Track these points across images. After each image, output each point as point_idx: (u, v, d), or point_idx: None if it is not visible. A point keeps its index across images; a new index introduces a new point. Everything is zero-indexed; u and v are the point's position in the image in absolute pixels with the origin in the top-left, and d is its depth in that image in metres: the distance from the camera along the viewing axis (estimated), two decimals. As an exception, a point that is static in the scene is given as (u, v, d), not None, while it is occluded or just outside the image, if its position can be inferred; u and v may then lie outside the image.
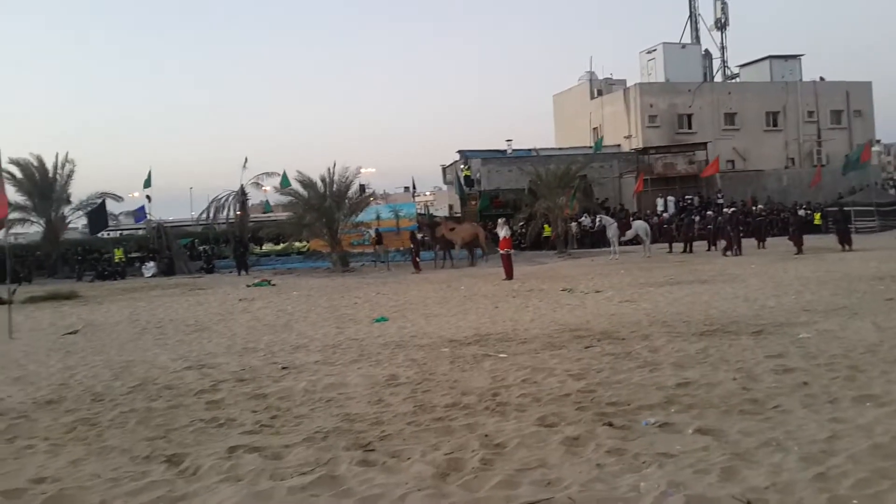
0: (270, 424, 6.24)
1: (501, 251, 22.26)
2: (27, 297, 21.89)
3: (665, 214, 38.68)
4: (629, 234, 29.78)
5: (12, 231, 37.85)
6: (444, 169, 52.62)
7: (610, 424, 5.56)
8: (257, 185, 38.53)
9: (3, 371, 9.74)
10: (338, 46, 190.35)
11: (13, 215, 34.75)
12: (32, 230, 40.45)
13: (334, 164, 31.74)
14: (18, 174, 36.41)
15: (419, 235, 31.36)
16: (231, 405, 7.04)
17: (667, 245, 31.03)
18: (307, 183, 31.87)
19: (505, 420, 5.90)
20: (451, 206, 50.53)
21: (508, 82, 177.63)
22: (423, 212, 43.20)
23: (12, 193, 34.08)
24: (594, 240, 35.72)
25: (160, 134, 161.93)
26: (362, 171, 35.00)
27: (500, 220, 24.18)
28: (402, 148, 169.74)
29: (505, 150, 46.98)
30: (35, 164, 37.02)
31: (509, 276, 21.07)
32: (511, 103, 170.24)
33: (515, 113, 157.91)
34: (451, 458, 5.00)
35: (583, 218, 36.67)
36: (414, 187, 51.89)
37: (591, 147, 46.30)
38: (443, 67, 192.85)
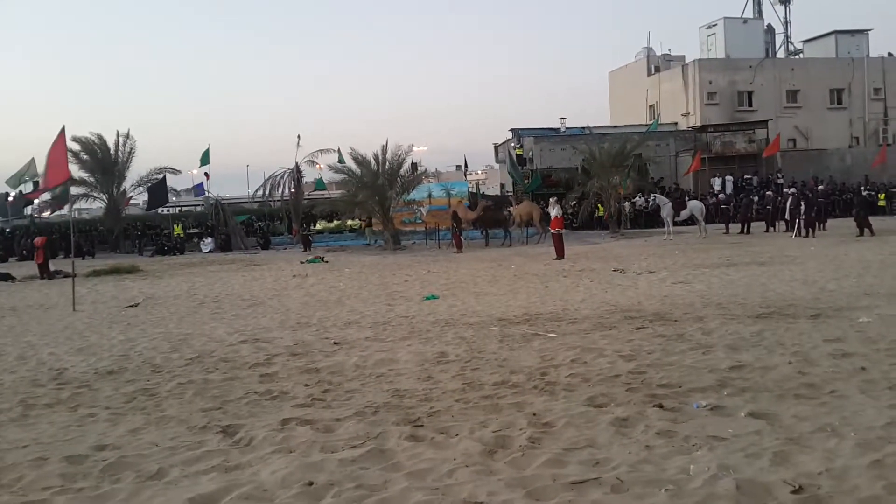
0: (322, 398, 6.36)
1: (553, 230, 22.11)
2: (90, 271, 22.68)
3: (722, 194, 37.82)
4: (684, 214, 29.22)
5: (76, 206, 39.13)
6: (497, 147, 52.31)
7: (660, 406, 5.51)
8: (312, 162, 38.89)
9: (67, 342, 10.12)
10: (390, 25, 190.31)
11: (77, 190, 35.85)
12: (95, 206, 41.75)
13: (387, 142, 31.92)
14: (81, 152, 37.44)
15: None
16: (284, 378, 7.20)
17: (723, 226, 30.37)
18: (361, 161, 32.08)
19: (553, 399, 5.90)
20: (502, 185, 50.27)
21: (563, 59, 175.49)
22: (474, 190, 43.11)
23: (75, 170, 35.15)
24: (648, 220, 35.17)
25: (217, 112, 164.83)
26: (414, 149, 35.15)
27: (551, 200, 23.96)
28: (454, 126, 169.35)
29: (558, 129, 46.46)
30: (97, 141, 38.03)
31: (560, 255, 20.92)
32: (565, 81, 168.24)
33: (570, 91, 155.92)
34: (499, 436, 5.03)
35: (637, 197, 36.12)
36: (466, 166, 51.83)
37: (647, 125, 45.47)
38: (497, 44, 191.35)
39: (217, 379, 7.30)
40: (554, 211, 22.28)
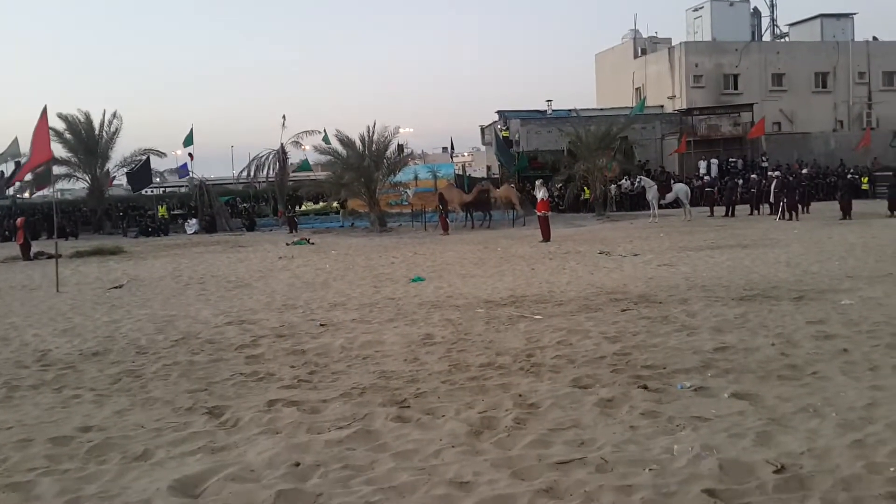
0: (308, 380, 6.36)
1: (539, 213, 22.12)
2: (74, 252, 22.48)
3: (707, 177, 37.96)
4: (669, 197, 29.26)
5: (59, 187, 38.72)
6: (483, 129, 52.16)
7: (645, 387, 5.56)
8: (297, 143, 38.64)
9: (51, 323, 10.06)
10: (376, 6, 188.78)
11: (59, 170, 35.47)
12: (78, 186, 41.26)
13: (374, 124, 31.70)
14: (65, 131, 36.93)
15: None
16: (270, 360, 7.19)
17: (708, 209, 30.50)
18: (346, 142, 31.90)
19: (539, 381, 5.93)
20: (488, 167, 50.23)
21: (549, 41, 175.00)
22: (460, 172, 43.03)
23: (59, 149, 34.72)
24: (634, 202, 35.22)
25: (202, 92, 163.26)
26: (401, 130, 34.96)
27: (537, 182, 23.96)
28: (440, 108, 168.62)
29: (545, 111, 46.35)
30: (82, 120, 37.49)
31: (546, 238, 20.96)
32: (552, 63, 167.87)
33: (556, 73, 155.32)
34: (485, 417, 5.06)
35: (623, 180, 36.17)
36: (452, 147, 51.72)
37: (633, 108, 45.47)
38: (483, 25, 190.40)
39: (203, 360, 7.28)
40: (540, 193, 22.28)
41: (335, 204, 37.98)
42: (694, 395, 5.35)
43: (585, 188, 35.13)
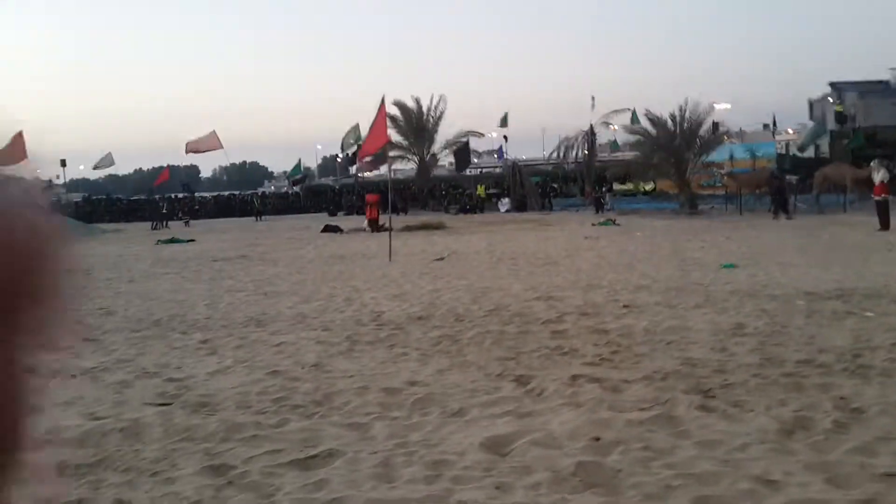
0: (610, 359, 6.45)
1: (876, 197, 19.67)
2: (403, 227, 25.00)
3: None
4: None
5: (393, 167, 43.21)
6: (812, 103, 47.37)
7: None
8: (606, 124, 38.68)
9: (385, 288, 11.38)
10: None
11: (393, 153, 39.56)
12: (408, 167, 45.65)
13: (686, 101, 30.54)
14: (399, 117, 40.96)
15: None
16: (574, 336, 7.40)
17: None
18: (656, 121, 31.16)
19: (866, 384, 5.38)
20: (817, 146, 45.56)
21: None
22: (783, 151, 39.66)
23: (393, 133, 38.70)
24: None
25: (516, 76, 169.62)
26: (716, 107, 33.23)
27: (873, 163, 21.29)
28: (761, 80, 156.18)
29: (888, 81, 40.76)
30: (413, 106, 41.26)
31: (885, 226, 18.57)
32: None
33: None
34: (800, 416, 4.73)
35: None
36: (774, 124, 47.86)
37: None
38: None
39: (512, 331, 7.73)
40: (878, 175, 19.87)
41: (643, 185, 37.35)
42: None
43: (940, 169, 30.31)
